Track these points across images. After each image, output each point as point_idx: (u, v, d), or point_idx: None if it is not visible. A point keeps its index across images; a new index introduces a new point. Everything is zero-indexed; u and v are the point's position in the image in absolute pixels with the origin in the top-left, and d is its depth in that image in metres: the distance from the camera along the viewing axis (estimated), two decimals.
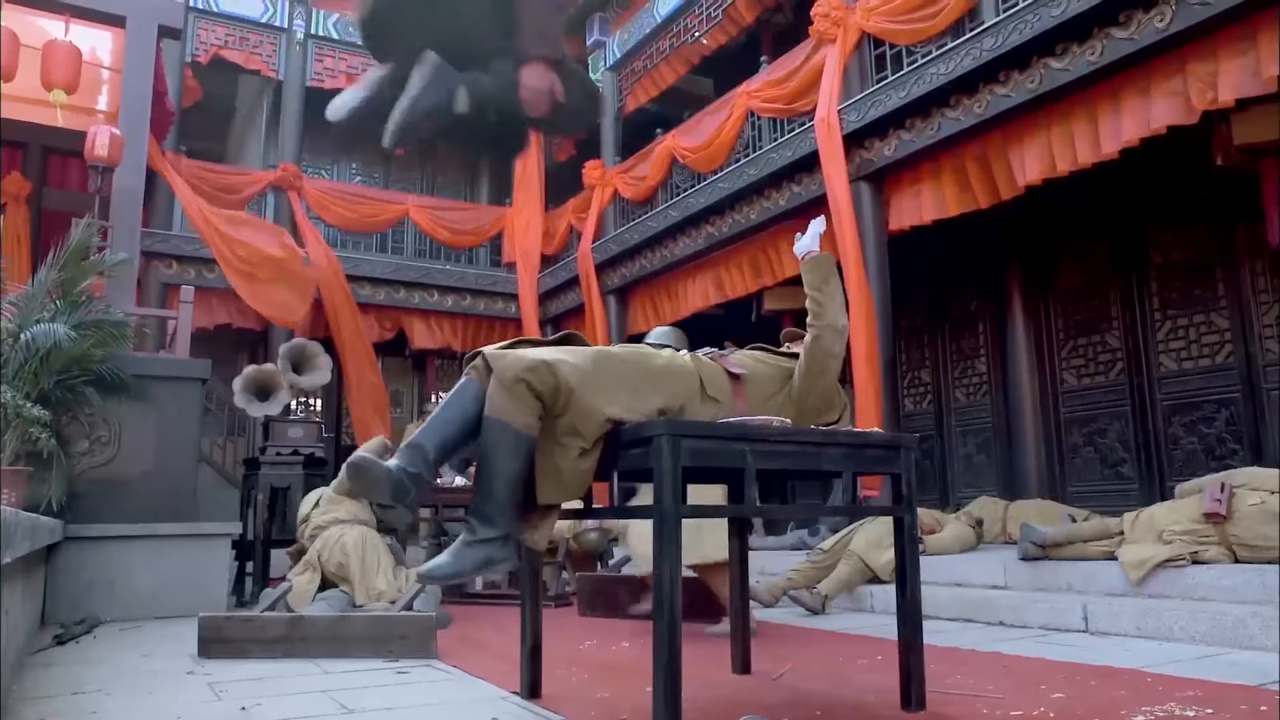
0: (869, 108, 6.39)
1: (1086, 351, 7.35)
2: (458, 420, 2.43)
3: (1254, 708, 2.55)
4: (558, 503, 2.42)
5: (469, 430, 2.43)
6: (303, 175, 10.54)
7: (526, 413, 2.30)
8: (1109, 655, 3.45)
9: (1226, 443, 6.33)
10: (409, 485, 2.27)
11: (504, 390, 2.31)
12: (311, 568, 4.86)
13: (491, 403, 2.34)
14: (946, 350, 8.59)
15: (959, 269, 8.17)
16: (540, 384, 2.30)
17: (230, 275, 9.33)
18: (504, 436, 2.30)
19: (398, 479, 2.26)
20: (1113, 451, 7.00)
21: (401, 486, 2.26)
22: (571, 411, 2.31)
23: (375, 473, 2.24)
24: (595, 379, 2.37)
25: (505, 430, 2.30)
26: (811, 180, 6.99)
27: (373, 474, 2.24)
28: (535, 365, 2.32)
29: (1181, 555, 4.30)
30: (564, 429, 2.32)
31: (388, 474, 2.25)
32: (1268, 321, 6.26)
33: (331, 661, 3.48)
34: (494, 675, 3.13)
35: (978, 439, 8.16)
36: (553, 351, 2.43)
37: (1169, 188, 6.66)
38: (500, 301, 11.40)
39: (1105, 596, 4.39)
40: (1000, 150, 5.82)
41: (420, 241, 11.49)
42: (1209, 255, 6.61)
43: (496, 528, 2.31)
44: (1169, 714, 2.48)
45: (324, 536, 4.94)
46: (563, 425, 2.32)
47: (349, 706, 2.67)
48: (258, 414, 6.96)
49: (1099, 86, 5.21)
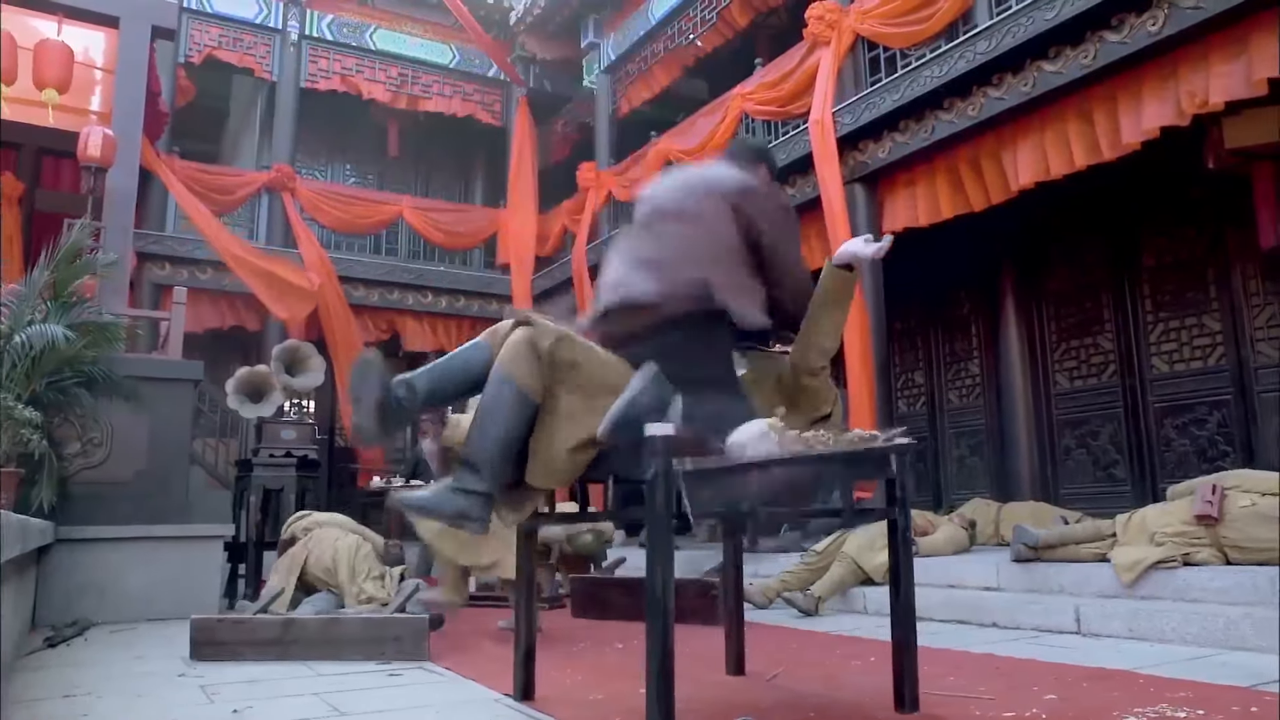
0: (863, 110, 6.40)
1: (1079, 353, 7.37)
2: (458, 373, 2.44)
3: (1245, 709, 2.55)
4: (543, 488, 2.41)
5: (465, 387, 2.44)
6: (296, 176, 10.54)
7: (534, 376, 2.30)
8: (1101, 657, 3.46)
9: (1218, 445, 6.35)
10: (395, 404, 2.31)
11: (521, 348, 2.31)
12: (289, 570, 4.74)
13: (504, 358, 2.33)
14: (940, 352, 8.61)
15: (952, 271, 8.19)
16: (564, 353, 2.31)
17: (233, 265, 9.31)
18: (505, 392, 2.30)
19: (391, 390, 2.31)
20: (1105, 453, 7.02)
21: (390, 398, 2.30)
22: (579, 393, 2.31)
23: (374, 375, 2.29)
24: (612, 372, 2.36)
25: (509, 386, 2.30)
26: (806, 182, 7.00)
27: (373, 374, 2.29)
28: (564, 335, 2.34)
29: (1173, 557, 4.31)
30: (567, 410, 2.31)
31: (384, 382, 2.29)
32: (1259, 324, 6.28)
33: (324, 664, 3.47)
34: (487, 677, 3.12)
35: (971, 441, 8.18)
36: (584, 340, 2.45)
37: (1161, 190, 6.69)
38: (494, 303, 11.39)
39: (1098, 598, 4.39)
40: (994, 153, 5.84)
41: (414, 243, 11.49)
42: (1201, 258, 6.64)
43: (482, 482, 2.29)
44: (1160, 715, 2.48)
45: (317, 535, 4.88)
46: (567, 405, 2.31)
47: (341, 709, 2.66)
48: (250, 415, 6.93)
49: (1092, 89, 5.23)
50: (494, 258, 11.75)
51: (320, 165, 12.70)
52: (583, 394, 2.30)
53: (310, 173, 12.17)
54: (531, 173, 11.48)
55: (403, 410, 2.33)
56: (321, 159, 12.74)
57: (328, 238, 10.79)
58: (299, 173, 10.81)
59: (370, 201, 11.35)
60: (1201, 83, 4.72)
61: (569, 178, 10.61)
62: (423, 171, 13.36)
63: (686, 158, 8.49)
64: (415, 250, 11.51)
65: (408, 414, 2.35)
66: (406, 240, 11.48)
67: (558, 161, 12.00)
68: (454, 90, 11.87)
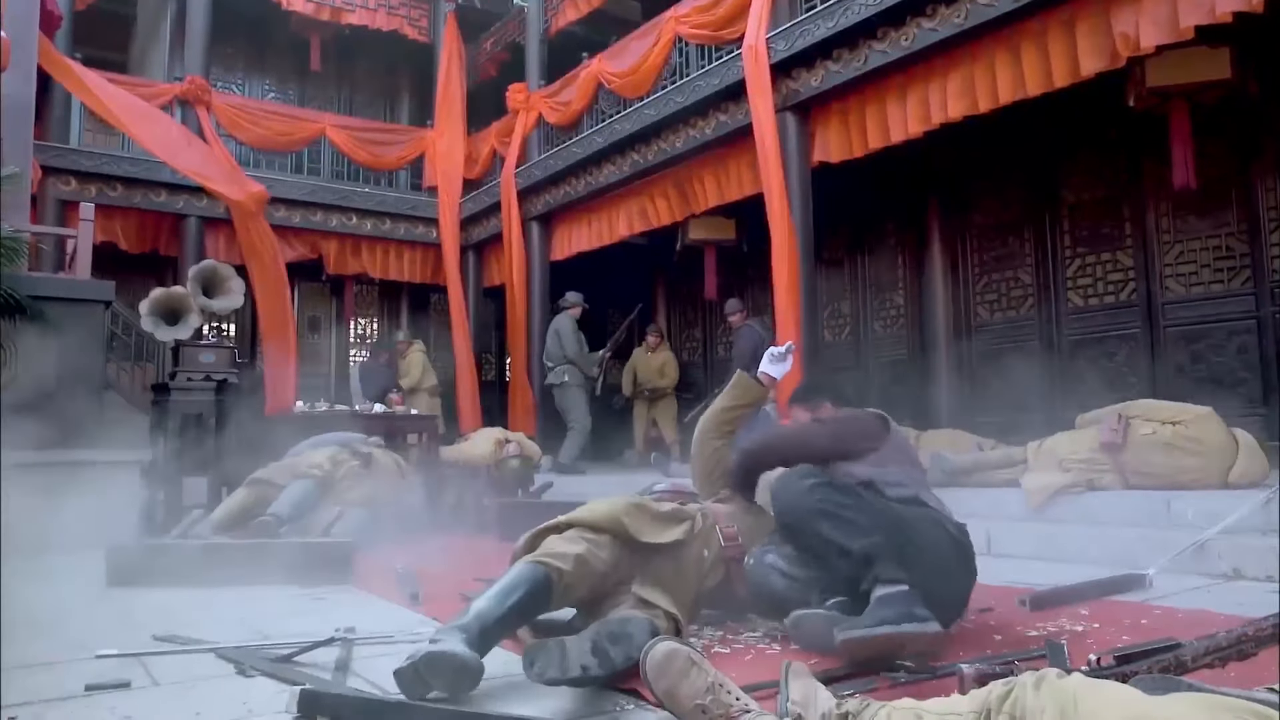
0: (797, 37, 6.34)
1: (999, 287, 7.56)
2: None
3: (1136, 621, 2.72)
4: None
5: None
6: (211, 90, 10.04)
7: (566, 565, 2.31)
8: (1010, 576, 3.62)
9: (1125, 376, 6.62)
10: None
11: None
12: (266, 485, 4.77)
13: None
14: (865, 282, 8.75)
15: (880, 202, 8.27)
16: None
17: (166, 155, 8.78)
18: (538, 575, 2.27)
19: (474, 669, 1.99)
20: (1020, 384, 7.25)
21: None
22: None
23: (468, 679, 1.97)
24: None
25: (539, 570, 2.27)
26: (738, 110, 6.95)
27: (467, 679, 1.97)
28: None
29: (1079, 482, 4.52)
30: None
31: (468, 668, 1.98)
32: (1168, 261, 6.51)
33: (248, 589, 3.44)
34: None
35: (894, 370, 8.37)
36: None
37: (1082, 129, 6.82)
38: (420, 226, 11.14)
39: (1008, 521, 4.59)
40: (923, 85, 5.85)
41: (338, 163, 11.11)
42: (1117, 196, 6.82)
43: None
44: (1060, 629, 2.63)
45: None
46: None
47: (265, 632, 2.65)
48: (166, 338, 6.72)
49: (1024, 24, 5.25)
50: (421, 180, 11.45)
51: (237, 79, 12.14)
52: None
53: (226, 87, 11.62)
54: (460, 93, 11.14)
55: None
56: (238, 73, 12.17)
57: (246, 155, 10.35)
58: (214, 86, 10.31)
59: (292, 118, 10.91)
60: (1132, 23, 4.76)
61: (498, 99, 10.32)
62: (346, 89, 12.88)
63: (618, 80, 8.35)
64: (339, 170, 11.13)
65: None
66: (330, 160, 11.08)
67: (486, 80, 11.66)
68: (379, 3, 11.40)
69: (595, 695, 2.00)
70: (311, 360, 11.62)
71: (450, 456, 6.96)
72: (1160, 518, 4.14)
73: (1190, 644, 1.71)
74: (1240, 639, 1.71)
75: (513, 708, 1.87)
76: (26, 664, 2.31)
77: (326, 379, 11.82)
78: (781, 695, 1.55)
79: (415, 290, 12.16)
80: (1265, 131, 5.97)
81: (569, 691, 2.00)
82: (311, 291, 11.81)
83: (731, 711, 1.57)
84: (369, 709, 1.81)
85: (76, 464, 5.11)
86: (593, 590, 2.37)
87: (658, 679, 1.64)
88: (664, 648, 1.67)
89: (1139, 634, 2.48)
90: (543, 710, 1.87)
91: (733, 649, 2.42)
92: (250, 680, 2.15)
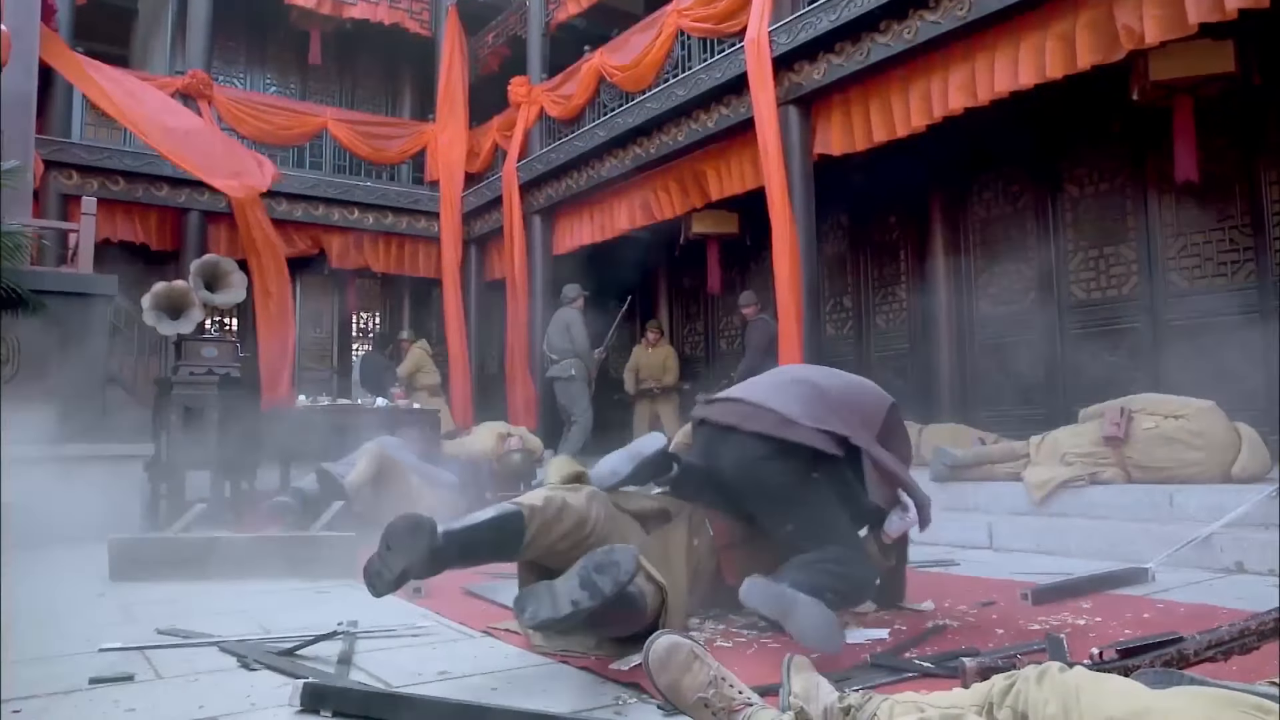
0: (799, 30, 6.32)
1: (1002, 280, 7.54)
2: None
3: (1137, 615, 2.72)
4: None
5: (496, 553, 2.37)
6: (213, 83, 10.02)
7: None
8: (1012, 570, 3.62)
9: (1128, 370, 6.60)
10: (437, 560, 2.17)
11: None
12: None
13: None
14: (868, 276, 8.73)
15: (882, 196, 8.25)
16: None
17: (166, 145, 8.74)
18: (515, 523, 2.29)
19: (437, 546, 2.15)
20: (1022, 377, 7.24)
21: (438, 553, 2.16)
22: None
23: (425, 535, 2.13)
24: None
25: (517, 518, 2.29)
26: (740, 103, 6.93)
27: (423, 535, 2.13)
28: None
29: (1081, 476, 4.52)
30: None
31: (433, 541, 2.14)
32: (1171, 254, 6.49)
33: (251, 582, 3.45)
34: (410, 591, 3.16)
35: (896, 364, 8.36)
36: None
37: (1085, 122, 6.80)
38: (422, 220, 11.13)
39: (1010, 515, 4.59)
40: (925, 78, 5.83)
41: (339, 157, 11.08)
42: (1120, 189, 6.80)
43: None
44: (1062, 623, 2.63)
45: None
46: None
47: (268, 626, 2.66)
48: (168, 332, 6.70)
49: (1027, 16, 5.23)
50: (423, 174, 11.43)
51: (238, 73, 12.11)
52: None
53: (228, 81, 11.59)
54: (462, 86, 11.12)
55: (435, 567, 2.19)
56: (239, 67, 12.14)
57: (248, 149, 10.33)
58: (216, 80, 10.30)
59: (293, 112, 10.88)
60: (1136, 17, 4.74)
61: (500, 92, 10.30)
62: (347, 83, 12.84)
63: (620, 73, 8.33)
64: (341, 164, 11.10)
65: (435, 570, 2.20)
66: (331, 154, 11.06)
67: (487, 74, 11.63)
68: None
69: (597, 689, 2.00)
70: (314, 355, 11.64)
71: (452, 451, 6.97)
72: (1163, 512, 4.14)
73: (1192, 638, 1.71)
74: (1242, 633, 1.71)
75: (516, 702, 1.87)
76: (30, 657, 2.31)
77: (329, 374, 11.83)
78: (784, 689, 1.55)
79: (418, 284, 12.15)
80: (1269, 125, 5.94)
81: (571, 685, 2.01)
82: (314, 285, 11.80)
83: (734, 705, 1.57)
84: (372, 702, 1.81)
85: (79, 458, 5.11)
86: (573, 542, 2.35)
87: (660, 672, 1.64)
88: (666, 641, 1.67)
89: (1141, 628, 2.48)
90: (546, 704, 1.87)
91: (734, 643, 2.42)
92: (254, 674, 2.15)
